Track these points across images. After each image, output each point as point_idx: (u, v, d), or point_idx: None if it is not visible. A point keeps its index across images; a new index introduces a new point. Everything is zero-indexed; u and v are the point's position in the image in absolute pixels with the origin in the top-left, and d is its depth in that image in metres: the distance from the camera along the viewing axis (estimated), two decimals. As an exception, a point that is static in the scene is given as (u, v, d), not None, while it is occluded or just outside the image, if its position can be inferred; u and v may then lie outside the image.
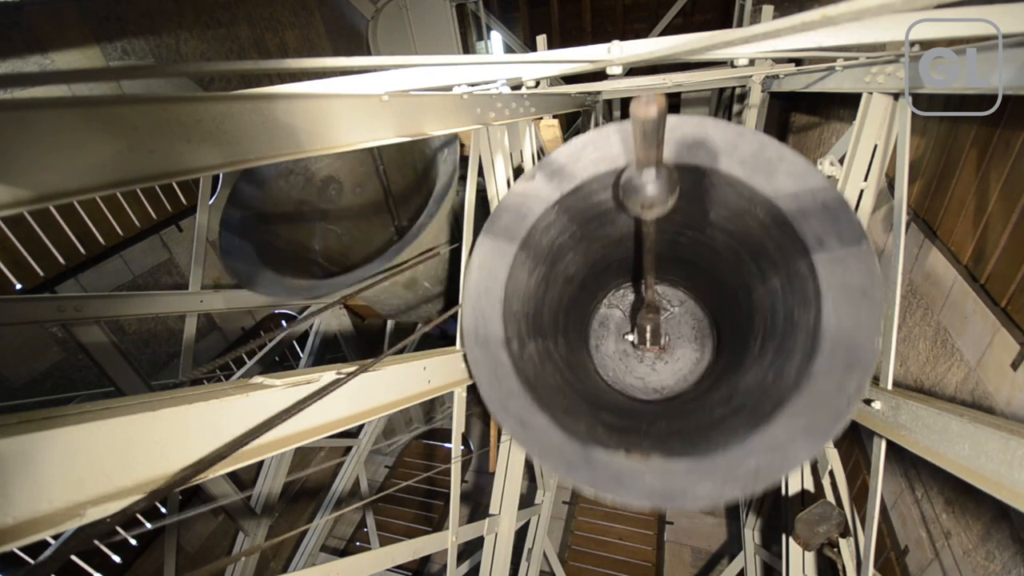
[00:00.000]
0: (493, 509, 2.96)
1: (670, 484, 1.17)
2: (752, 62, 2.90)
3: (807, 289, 1.30)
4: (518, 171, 2.81)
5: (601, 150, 1.50)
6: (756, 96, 4.55)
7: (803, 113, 6.27)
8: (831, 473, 2.88)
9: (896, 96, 2.24)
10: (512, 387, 1.41)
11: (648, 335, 2.25)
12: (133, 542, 4.72)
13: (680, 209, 1.32)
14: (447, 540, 2.49)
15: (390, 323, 6.60)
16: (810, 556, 2.76)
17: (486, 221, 1.42)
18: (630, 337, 2.39)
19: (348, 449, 6.52)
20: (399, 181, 4.31)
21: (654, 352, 2.38)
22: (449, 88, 1.91)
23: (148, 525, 3.41)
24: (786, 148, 1.34)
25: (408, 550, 2.39)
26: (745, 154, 1.35)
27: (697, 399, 2.00)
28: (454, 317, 2.36)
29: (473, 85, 1.98)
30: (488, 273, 1.47)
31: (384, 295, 4.13)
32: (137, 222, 4.75)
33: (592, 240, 1.85)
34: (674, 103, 8.72)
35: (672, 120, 1.35)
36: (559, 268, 1.86)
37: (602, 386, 2.30)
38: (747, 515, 5.04)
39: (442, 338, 7.65)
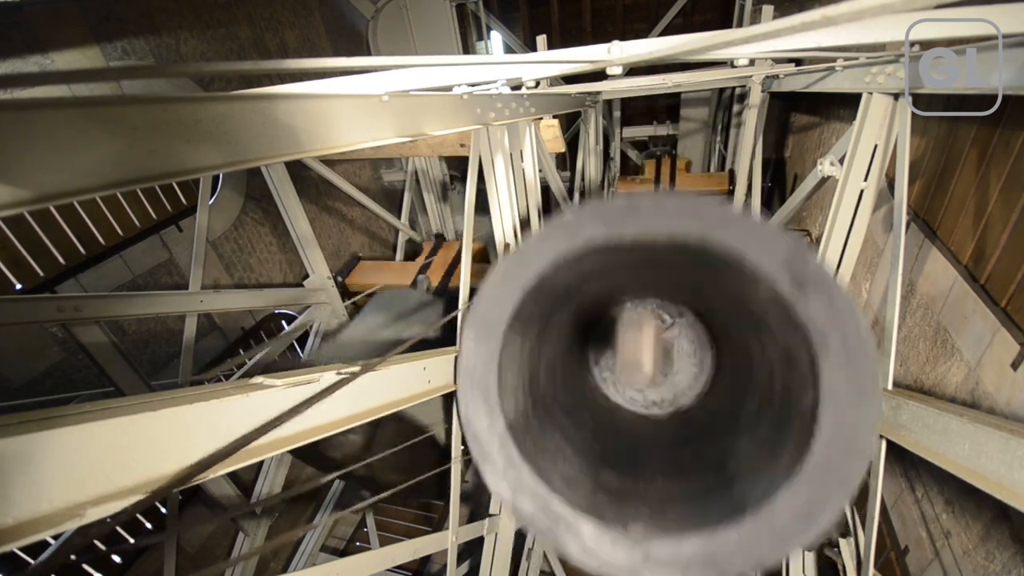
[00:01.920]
0: (493, 509, 2.96)
1: (669, 568, 1.20)
2: (752, 62, 2.90)
3: (805, 378, 1.30)
4: (518, 170, 2.81)
5: (573, 236, 1.49)
6: (756, 96, 4.55)
7: (803, 113, 6.27)
8: (831, 473, 2.87)
9: (896, 96, 2.25)
10: (512, 460, 1.42)
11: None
12: (133, 542, 4.72)
13: (678, 268, 1.32)
14: (447, 540, 2.49)
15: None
16: (810, 556, 2.76)
17: (471, 307, 1.43)
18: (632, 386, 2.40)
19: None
20: None
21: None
22: (449, 88, 1.91)
23: (148, 525, 3.40)
24: (793, 238, 1.32)
25: (408, 550, 2.39)
26: (740, 233, 1.32)
27: (693, 450, 2.02)
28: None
29: (473, 85, 1.99)
30: (479, 354, 1.48)
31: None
32: (137, 222, 4.74)
33: (586, 289, 1.85)
34: (674, 103, 8.73)
35: (665, 200, 1.32)
36: (553, 322, 1.87)
37: (602, 412, 2.32)
38: (747, 515, 5.04)
39: (442, 338, 7.65)
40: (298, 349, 5.82)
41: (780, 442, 1.34)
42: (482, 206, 2.59)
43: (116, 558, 4.57)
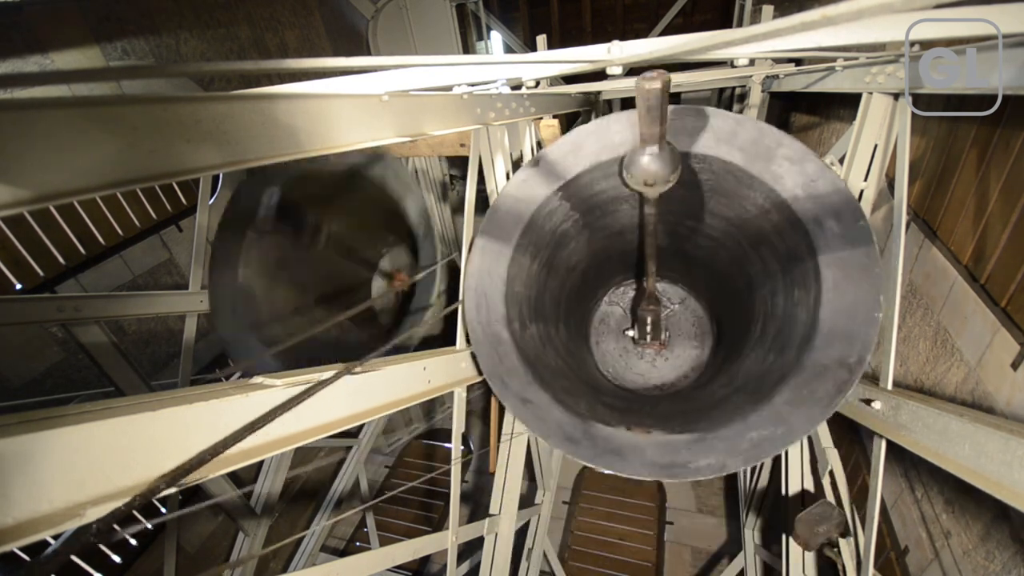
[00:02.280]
0: (493, 509, 2.96)
1: (672, 457, 1.18)
2: (752, 62, 2.90)
3: (807, 271, 1.31)
4: (518, 165, 2.81)
5: (603, 139, 1.51)
6: (756, 96, 4.55)
7: (803, 113, 6.28)
8: (831, 473, 2.88)
9: (896, 96, 2.24)
10: (513, 365, 1.41)
11: (648, 328, 2.24)
12: (133, 542, 4.72)
13: (680, 198, 1.32)
14: (447, 540, 2.49)
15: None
16: (810, 556, 2.76)
17: (488, 210, 1.43)
18: (631, 332, 2.39)
19: (348, 449, 6.52)
20: (356, 217, 4.26)
21: (654, 348, 2.38)
22: (449, 88, 1.91)
23: (148, 525, 3.41)
24: (784, 135, 1.35)
25: (408, 550, 2.39)
26: (744, 141, 1.36)
27: (698, 387, 2.01)
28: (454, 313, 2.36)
29: (473, 85, 1.98)
30: (491, 255, 1.48)
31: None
32: (137, 222, 4.75)
33: (594, 230, 1.86)
34: (674, 103, 8.72)
35: (672, 109, 1.36)
36: (561, 256, 1.86)
37: (602, 381, 2.31)
38: (747, 515, 5.04)
39: (442, 338, 7.65)
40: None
41: (787, 339, 1.34)
42: (482, 206, 2.59)
43: (116, 558, 4.57)
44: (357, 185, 3.83)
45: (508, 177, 2.60)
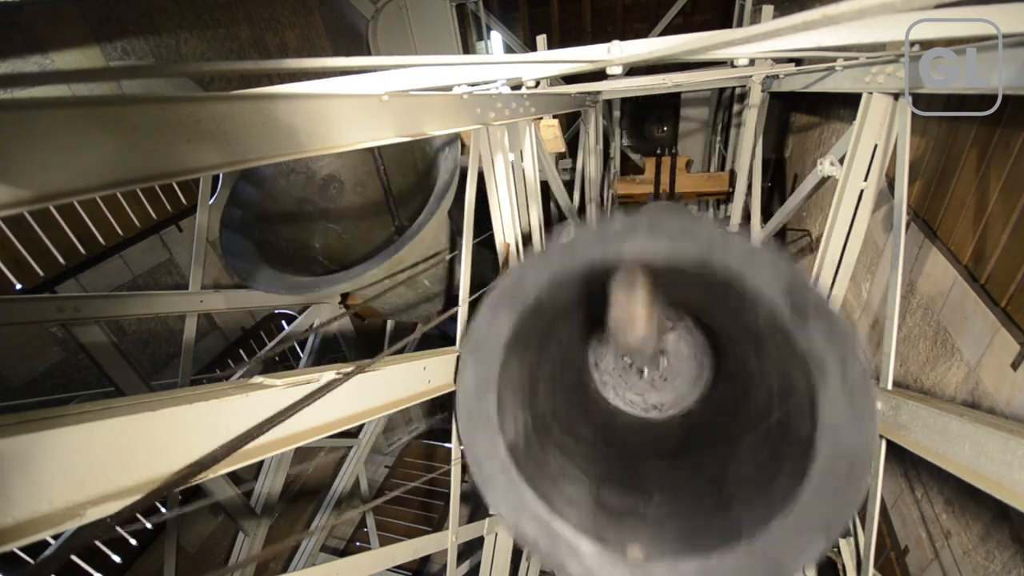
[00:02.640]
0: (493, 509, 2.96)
1: None
2: (752, 62, 2.90)
3: (803, 405, 1.29)
4: (518, 170, 2.81)
5: (567, 258, 1.44)
6: (756, 96, 4.55)
7: (803, 113, 6.28)
8: (831, 473, 2.87)
9: (896, 96, 2.24)
10: (514, 483, 1.41)
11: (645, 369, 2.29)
12: (133, 542, 4.72)
13: (676, 287, 1.31)
14: (447, 540, 2.49)
15: (390, 323, 6.60)
16: (810, 556, 2.75)
17: (469, 333, 1.40)
18: (628, 359, 2.40)
19: (348, 449, 6.52)
20: (399, 180, 4.31)
21: (653, 373, 2.40)
22: (449, 88, 1.91)
23: (148, 524, 3.41)
24: (790, 264, 1.26)
25: (408, 550, 2.39)
26: (737, 255, 1.27)
27: (692, 460, 2.01)
28: (453, 317, 2.36)
29: (473, 85, 1.99)
30: (477, 378, 1.47)
31: (385, 292, 4.15)
32: (137, 222, 4.75)
33: (583, 304, 1.84)
34: (674, 103, 8.73)
35: (663, 221, 1.28)
36: (552, 341, 1.86)
37: (603, 416, 2.32)
38: (747, 515, 5.04)
39: (442, 338, 7.65)
40: (299, 350, 5.81)
41: (777, 468, 1.34)
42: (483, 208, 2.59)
43: (116, 558, 4.57)
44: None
45: (508, 180, 2.60)
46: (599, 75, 2.07)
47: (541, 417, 1.78)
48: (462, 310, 2.27)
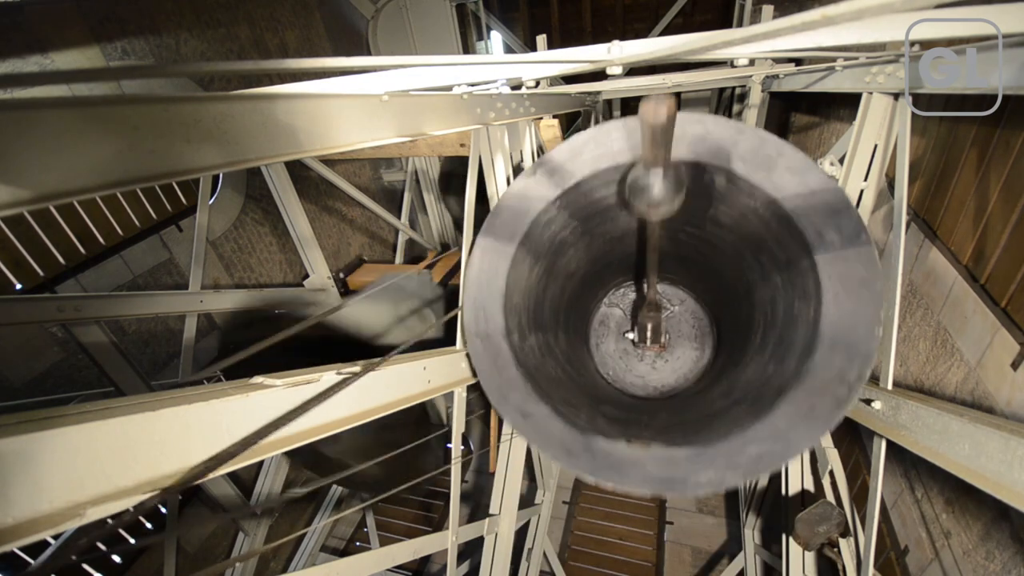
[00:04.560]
0: (493, 509, 2.96)
1: (671, 472, 1.17)
2: (752, 62, 2.90)
3: (807, 283, 1.30)
4: (518, 170, 2.81)
5: (603, 146, 1.50)
6: (756, 96, 4.55)
7: (803, 113, 6.28)
8: (831, 473, 2.88)
9: (896, 96, 2.24)
10: (512, 377, 1.41)
11: (649, 333, 2.25)
12: (133, 542, 4.71)
13: (681, 206, 1.31)
14: (447, 540, 2.49)
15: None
16: (810, 556, 2.76)
17: (487, 217, 1.41)
18: (630, 335, 2.39)
19: (348, 449, 6.51)
20: None
21: (654, 351, 2.38)
22: (449, 88, 1.91)
23: (148, 524, 3.40)
24: (785, 144, 1.33)
25: (408, 550, 2.39)
26: (745, 151, 1.34)
27: (698, 394, 2.00)
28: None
29: (473, 85, 1.98)
30: (489, 267, 1.47)
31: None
32: (137, 222, 4.74)
33: (594, 236, 1.85)
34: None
35: (684, 119, 1.34)
36: (560, 263, 1.85)
37: (602, 383, 2.30)
38: (747, 515, 5.04)
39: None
40: (298, 349, 5.81)
41: (787, 350, 1.33)
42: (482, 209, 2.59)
43: (116, 558, 4.57)
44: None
45: (508, 180, 2.60)
46: (599, 75, 2.07)
47: (543, 331, 1.77)
48: (462, 303, 2.27)
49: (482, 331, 1.47)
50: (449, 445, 5.02)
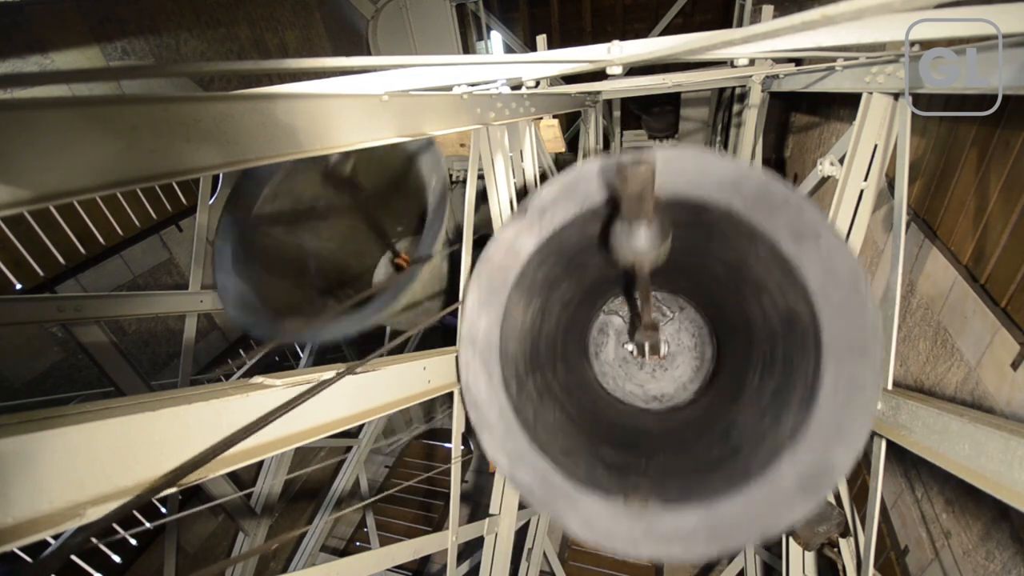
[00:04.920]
0: (493, 509, 2.96)
1: (668, 534, 1.17)
2: (752, 62, 2.90)
3: (807, 337, 1.28)
4: (518, 169, 2.81)
5: (589, 182, 1.44)
6: (756, 96, 4.55)
7: (803, 113, 6.28)
8: (831, 473, 2.87)
9: (896, 96, 2.24)
10: (511, 428, 1.40)
11: (647, 350, 2.26)
12: (133, 542, 4.72)
13: (679, 236, 1.29)
14: (447, 540, 2.49)
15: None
16: (810, 556, 2.76)
17: (476, 265, 1.39)
18: (629, 347, 2.39)
19: (348, 449, 6.53)
20: (382, 194, 4.19)
21: (654, 360, 2.39)
22: (449, 88, 1.91)
23: (148, 524, 3.41)
24: (791, 191, 1.28)
25: (408, 550, 2.39)
26: (748, 192, 1.29)
27: (695, 427, 1.99)
28: (454, 312, 2.36)
29: (473, 85, 1.98)
30: (483, 320, 1.45)
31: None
32: (137, 222, 4.75)
33: (588, 266, 1.83)
34: (675, 102, 8.73)
35: (670, 153, 1.31)
36: (555, 297, 1.84)
37: (602, 400, 2.30)
38: (747, 515, 5.04)
39: (442, 331, 7.65)
40: (299, 349, 5.81)
41: (784, 406, 1.32)
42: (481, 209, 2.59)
43: (116, 558, 4.58)
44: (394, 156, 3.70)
45: (508, 179, 2.60)
46: (599, 75, 2.07)
47: (542, 374, 1.77)
48: (462, 309, 2.27)
49: (484, 390, 1.46)
50: (449, 445, 5.01)
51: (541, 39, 4.75)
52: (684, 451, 1.75)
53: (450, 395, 2.06)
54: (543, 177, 3.47)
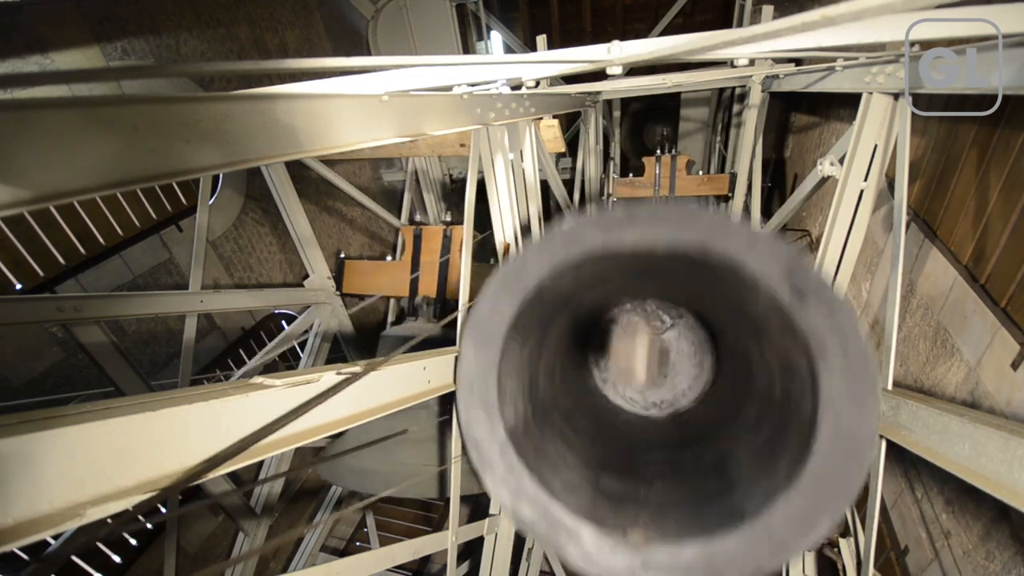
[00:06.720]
0: (493, 509, 2.96)
1: (669, 574, 1.20)
2: (752, 62, 2.90)
3: (805, 384, 1.29)
4: (518, 169, 2.81)
5: (597, 224, 1.45)
6: (756, 96, 4.55)
7: (803, 113, 6.28)
8: (831, 473, 2.87)
9: (896, 96, 2.24)
10: (512, 466, 1.42)
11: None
12: (133, 542, 4.72)
13: (676, 276, 1.30)
14: (447, 540, 2.49)
15: (390, 322, 6.61)
16: (810, 556, 2.76)
17: (469, 319, 1.41)
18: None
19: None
20: None
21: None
22: (449, 88, 1.91)
23: (148, 525, 3.40)
24: (792, 248, 1.30)
25: (408, 550, 2.39)
26: (740, 242, 1.30)
27: (693, 450, 2.01)
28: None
29: (473, 85, 1.98)
30: (479, 365, 1.47)
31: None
32: (137, 222, 4.74)
33: (585, 295, 1.85)
34: (674, 102, 8.72)
35: (663, 209, 1.30)
36: (552, 331, 1.86)
37: (603, 410, 2.32)
38: (747, 515, 5.04)
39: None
40: (299, 350, 5.80)
41: (779, 448, 1.34)
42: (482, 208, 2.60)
43: (116, 558, 4.57)
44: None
45: (508, 179, 2.60)
46: (599, 75, 2.07)
47: (541, 405, 1.78)
48: (462, 314, 2.27)
49: (485, 436, 1.47)
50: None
51: (541, 39, 4.75)
52: (682, 482, 1.77)
53: (449, 395, 2.06)
54: (543, 178, 3.47)
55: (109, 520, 0.78)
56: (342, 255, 6.06)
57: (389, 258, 5.73)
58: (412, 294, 5.33)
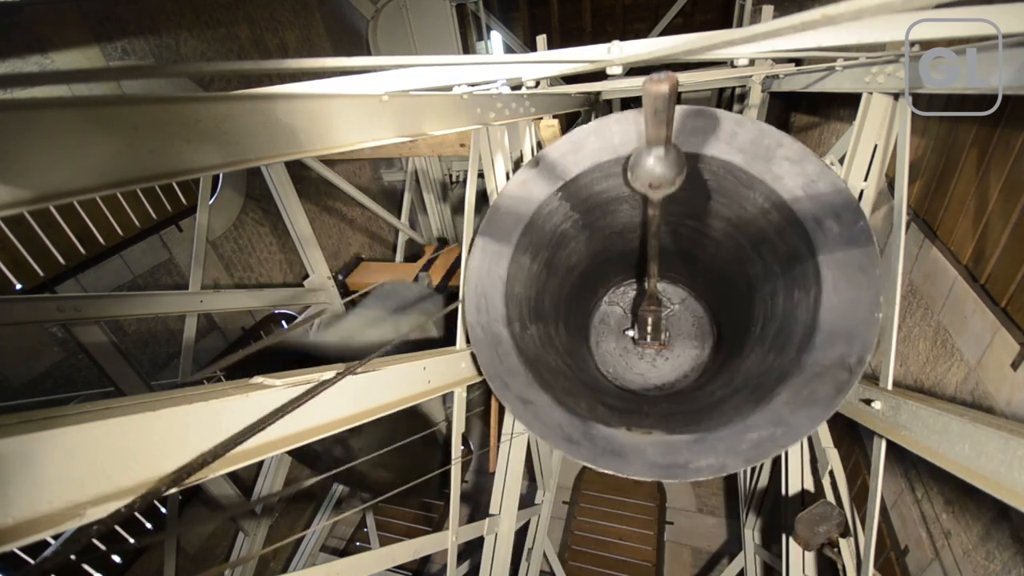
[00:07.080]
0: (493, 509, 2.96)
1: (672, 458, 1.18)
2: (752, 62, 2.90)
3: (807, 270, 1.32)
4: (518, 167, 2.81)
5: (603, 139, 1.51)
6: (756, 96, 4.55)
7: (803, 113, 6.27)
8: (831, 473, 2.88)
9: (896, 96, 2.24)
10: (513, 365, 1.42)
11: (649, 328, 2.25)
12: (133, 542, 4.71)
13: (680, 199, 1.32)
14: (447, 540, 2.49)
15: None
16: (810, 556, 2.76)
17: (489, 209, 1.42)
18: (631, 333, 2.39)
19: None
20: None
21: (654, 348, 2.38)
22: (449, 88, 1.91)
23: (148, 525, 3.40)
24: (783, 135, 1.35)
25: (408, 550, 2.39)
26: (744, 141, 1.36)
27: (698, 388, 2.01)
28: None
29: (473, 85, 1.98)
30: (491, 256, 1.48)
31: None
32: (137, 222, 4.74)
33: (594, 229, 1.86)
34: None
35: (686, 112, 1.36)
36: (561, 256, 1.86)
37: (603, 381, 2.31)
38: (747, 515, 5.04)
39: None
40: (298, 349, 5.80)
41: (786, 341, 1.34)
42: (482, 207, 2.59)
43: (116, 558, 4.57)
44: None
45: (508, 177, 2.60)
46: (599, 75, 2.07)
47: (544, 322, 1.78)
48: (462, 309, 2.27)
49: (483, 319, 1.48)
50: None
51: (541, 39, 4.75)
52: (688, 399, 1.78)
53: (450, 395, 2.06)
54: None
55: (108, 519, 0.78)
56: (361, 256, 6.19)
57: (399, 259, 5.89)
58: (415, 280, 5.42)
